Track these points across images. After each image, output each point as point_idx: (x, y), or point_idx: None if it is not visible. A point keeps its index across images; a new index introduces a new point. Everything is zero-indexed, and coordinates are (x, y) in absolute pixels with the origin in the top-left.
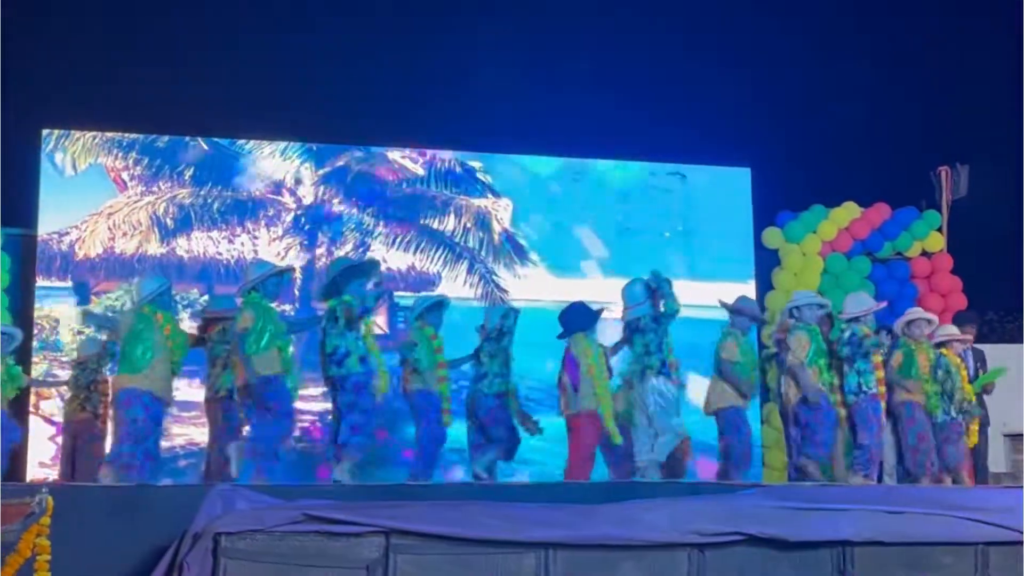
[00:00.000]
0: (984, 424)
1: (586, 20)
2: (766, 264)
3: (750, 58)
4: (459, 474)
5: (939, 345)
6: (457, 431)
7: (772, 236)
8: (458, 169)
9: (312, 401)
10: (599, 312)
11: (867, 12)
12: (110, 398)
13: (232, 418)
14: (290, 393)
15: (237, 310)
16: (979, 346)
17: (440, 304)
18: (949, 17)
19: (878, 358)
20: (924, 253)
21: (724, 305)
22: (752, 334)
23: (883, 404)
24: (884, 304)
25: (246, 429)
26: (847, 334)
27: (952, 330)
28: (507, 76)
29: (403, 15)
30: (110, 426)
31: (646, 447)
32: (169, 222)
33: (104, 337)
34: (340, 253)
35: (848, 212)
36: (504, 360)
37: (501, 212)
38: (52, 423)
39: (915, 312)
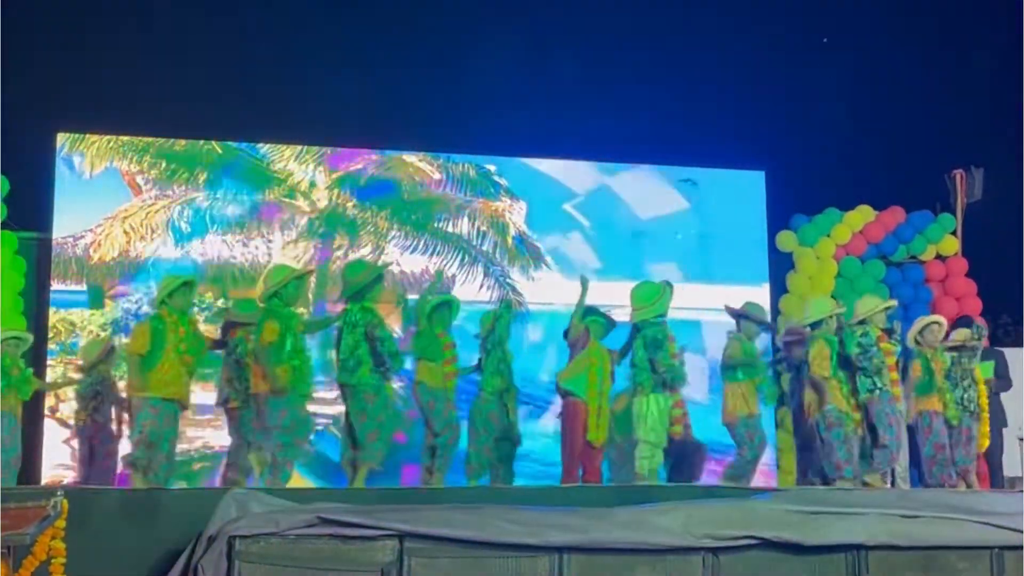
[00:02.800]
0: (1000, 427)
1: (600, 24)
2: (780, 268)
3: (764, 61)
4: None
5: (951, 349)
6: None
7: (786, 239)
8: (472, 172)
9: (326, 405)
10: (613, 323)
11: (881, 15)
12: (123, 401)
13: (246, 426)
14: (292, 407)
15: (259, 316)
16: (999, 348)
17: (448, 303)
18: (964, 19)
19: (892, 360)
20: (938, 256)
21: (730, 310)
22: (760, 340)
23: (900, 404)
24: (894, 303)
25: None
26: (860, 337)
27: (965, 334)
28: (521, 80)
29: (417, 18)
30: (125, 429)
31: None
32: (184, 226)
33: (103, 335)
34: (354, 257)
35: (862, 215)
36: (501, 362)
37: (516, 215)
38: (67, 426)
39: (924, 319)
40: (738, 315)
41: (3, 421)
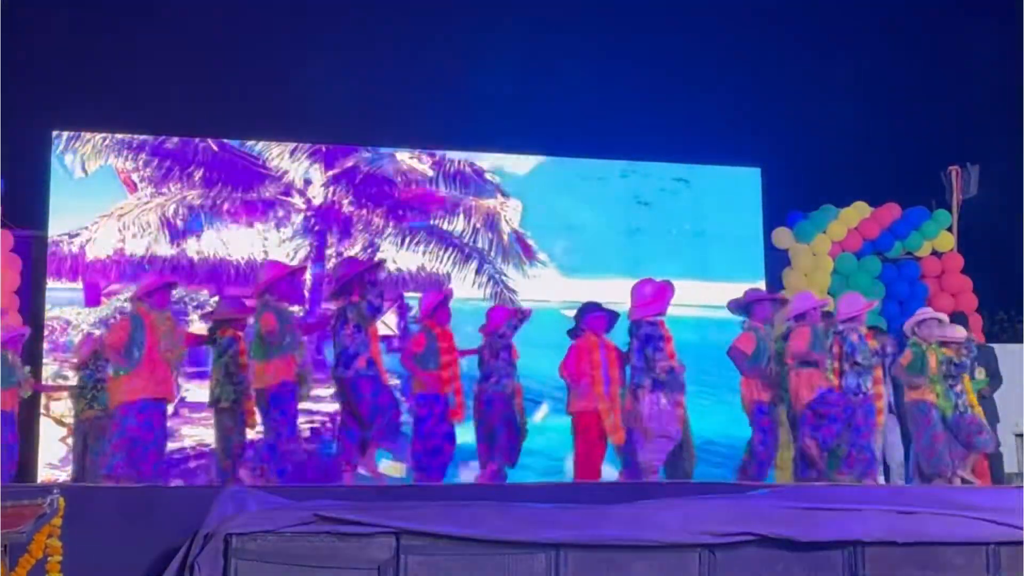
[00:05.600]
0: (993, 423)
1: (594, 21)
2: (776, 264)
3: (760, 58)
4: (469, 475)
5: (942, 344)
6: (466, 431)
7: (782, 236)
8: (467, 170)
9: (323, 402)
10: (615, 316)
11: (877, 11)
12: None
13: (240, 425)
14: (297, 400)
15: (250, 311)
16: (991, 345)
17: (444, 300)
18: (960, 16)
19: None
20: (934, 253)
21: (734, 305)
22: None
23: (879, 404)
24: (876, 302)
25: (258, 431)
26: (853, 339)
27: (959, 332)
28: (516, 77)
29: (411, 16)
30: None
31: (646, 450)
32: (179, 223)
33: (98, 333)
34: (349, 254)
35: (858, 212)
36: (509, 359)
37: (510, 212)
38: (62, 424)
39: (925, 312)
40: (745, 304)
41: (3, 421)
